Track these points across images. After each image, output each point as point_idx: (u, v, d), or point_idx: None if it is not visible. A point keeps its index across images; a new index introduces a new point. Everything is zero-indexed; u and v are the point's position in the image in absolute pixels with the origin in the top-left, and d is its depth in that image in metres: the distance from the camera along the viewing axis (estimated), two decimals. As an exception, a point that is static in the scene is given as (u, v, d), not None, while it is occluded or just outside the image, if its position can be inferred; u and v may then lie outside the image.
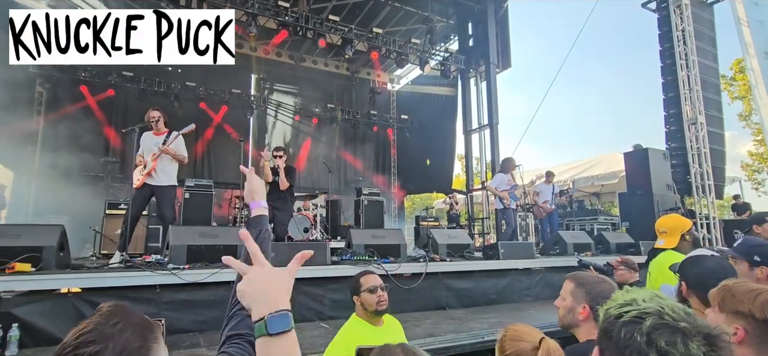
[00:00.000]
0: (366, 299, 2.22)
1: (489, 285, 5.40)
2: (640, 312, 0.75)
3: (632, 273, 3.50)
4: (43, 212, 8.32)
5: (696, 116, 8.70)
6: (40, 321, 3.24)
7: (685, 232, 2.57)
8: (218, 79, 11.26)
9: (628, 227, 8.44)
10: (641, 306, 0.76)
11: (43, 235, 3.75)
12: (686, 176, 8.89)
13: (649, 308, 0.75)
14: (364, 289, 2.23)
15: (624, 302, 0.80)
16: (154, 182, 4.81)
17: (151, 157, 4.77)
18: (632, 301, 0.78)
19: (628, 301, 0.79)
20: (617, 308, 0.79)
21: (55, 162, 9.15)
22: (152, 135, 4.94)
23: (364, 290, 2.23)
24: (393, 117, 13.93)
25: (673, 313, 0.73)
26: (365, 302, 2.22)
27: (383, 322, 2.28)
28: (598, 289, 1.69)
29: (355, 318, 2.28)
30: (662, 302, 0.76)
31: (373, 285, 2.24)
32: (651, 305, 0.76)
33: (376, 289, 2.23)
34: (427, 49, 10.33)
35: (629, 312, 0.76)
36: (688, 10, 8.99)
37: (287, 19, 8.53)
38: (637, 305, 0.77)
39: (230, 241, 4.44)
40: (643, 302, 0.77)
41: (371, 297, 2.21)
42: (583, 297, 1.69)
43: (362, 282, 2.26)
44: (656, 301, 0.76)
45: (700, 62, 9.00)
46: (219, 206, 9.63)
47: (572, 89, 59.16)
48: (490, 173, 10.38)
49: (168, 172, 4.88)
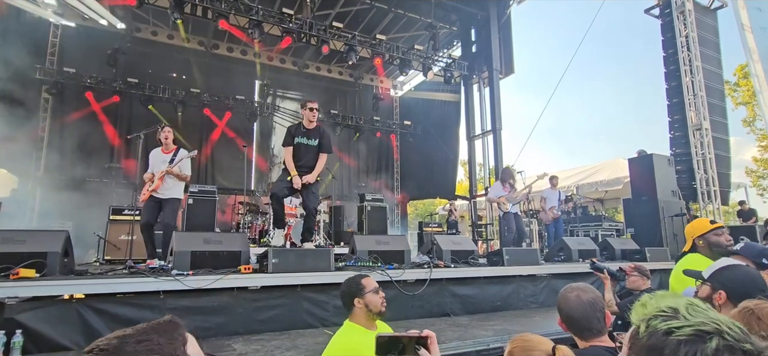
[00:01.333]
0: (371, 300, 2.18)
1: (494, 292, 5.35)
2: (696, 329, 0.67)
3: (645, 280, 3.45)
4: (47, 218, 8.36)
5: (700, 121, 8.67)
6: (44, 328, 3.23)
7: (697, 236, 2.52)
8: (222, 86, 11.34)
9: (633, 234, 8.39)
10: (691, 321, 0.69)
11: (48, 241, 3.75)
12: (691, 181, 8.84)
13: (706, 325, 0.67)
14: (369, 291, 2.19)
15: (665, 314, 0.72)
16: (160, 195, 5.05)
17: (158, 174, 5.05)
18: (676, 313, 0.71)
19: (671, 313, 0.72)
20: (663, 322, 0.71)
21: (60, 168, 9.21)
22: (161, 152, 5.19)
23: (369, 291, 2.19)
24: (396, 123, 13.95)
25: (732, 331, 0.66)
26: (371, 303, 2.18)
27: (377, 327, 2.23)
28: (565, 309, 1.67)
29: (349, 324, 2.21)
30: (711, 316, 0.69)
31: (375, 286, 2.22)
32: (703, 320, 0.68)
33: (378, 290, 2.21)
34: (430, 55, 10.36)
35: (682, 329, 0.68)
36: (692, 16, 9.00)
37: (291, 26, 8.59)
38: (686, 319, 0.69)
39: (234, 247, 4.43)
40: (690, 315, 0.70)
41: (376, 298, 2.19)
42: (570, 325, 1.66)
43: (365, 284, 2.22)
44: (704, 315, 0.70)
45: (704, 68, 8.99)
46: (222, 212, 9.65)
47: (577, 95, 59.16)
48: (493, 178, 10.35)
49: (172, 187, 5.14)
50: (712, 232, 2.45)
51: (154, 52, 10.91)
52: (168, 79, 10.80)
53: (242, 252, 4.39)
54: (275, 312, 4.06)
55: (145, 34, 10.85)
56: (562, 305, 1.71)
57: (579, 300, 1.65)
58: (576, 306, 1.65)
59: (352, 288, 2.24)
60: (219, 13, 7.96)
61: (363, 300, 2.19)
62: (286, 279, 4.13)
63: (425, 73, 10.43)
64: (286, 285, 4.14)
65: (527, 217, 10.32)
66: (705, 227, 2.49)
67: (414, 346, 1.33)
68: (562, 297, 1.72)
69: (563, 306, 1.70)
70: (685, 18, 9.01)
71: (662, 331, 0.70)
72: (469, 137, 11.46)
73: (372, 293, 2.19)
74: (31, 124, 9.13)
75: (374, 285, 2.23)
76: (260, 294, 4.06)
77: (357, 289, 2.22)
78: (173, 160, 5.09)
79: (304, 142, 4.93)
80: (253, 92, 12.22)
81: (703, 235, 2.47)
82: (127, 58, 10.22)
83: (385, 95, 14.30)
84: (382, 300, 2.21)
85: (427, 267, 4.93)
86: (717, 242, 2.41)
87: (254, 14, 8.23)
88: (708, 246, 2.45)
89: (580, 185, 12.84)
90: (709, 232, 2.46)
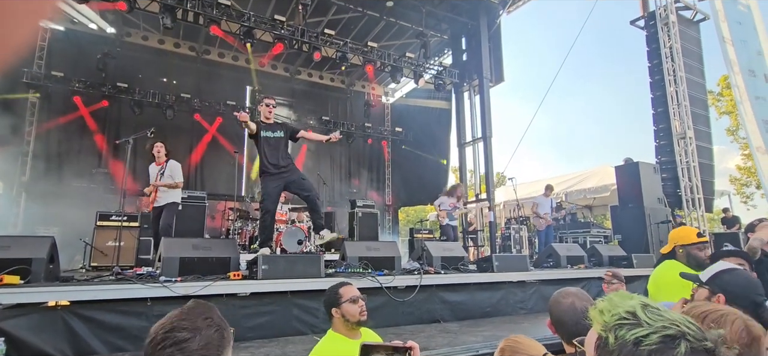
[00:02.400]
0: (348, 310, 2.15)
1: (483, 298, 5.39)
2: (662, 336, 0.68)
3: (622, 285, 3.52)
4: (32, 224, 8.21)
5: (685, 130, 8.86)
6: (28, 335, 3.17)
7: (680, 244, 2.55)
8: (213, 91, 11.28)
9: (620, 240, 8.50)
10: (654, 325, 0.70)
11: (33, 247, 3.70)
12: (676, 189, 9.02)
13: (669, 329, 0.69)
14: (346, 300, 2.16)
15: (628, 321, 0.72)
16: (159, 203, 5.57)
17: (149, 189, 5.63)
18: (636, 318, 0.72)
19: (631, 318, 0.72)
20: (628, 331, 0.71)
21: (46, 173, 9.07)
22: (155, 165, 5.70)
23: (346, 301, 2.16)
24: (387, 130, 14.00)
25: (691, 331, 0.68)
26: (348, 313, 2.14)
27: (361, 335, 2.20)
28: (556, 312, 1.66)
29: (332, 333, 2.19)
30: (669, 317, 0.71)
31: (354, 295, 2.18)
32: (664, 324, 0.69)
33: (357, 299, 2.18)
34: (422, 63, 10.45)
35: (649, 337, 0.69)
36: (676, 28, 9.23)
37: (283, 33, 8.60)
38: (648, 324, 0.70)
39: (223, 253, 4.40)
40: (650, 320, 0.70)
41: (354, 308, 2.15)
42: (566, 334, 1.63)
43: (342, 293, 2.19)
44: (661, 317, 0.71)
45: (688, 78, 9.21)
46: (212, 218, 9.57)
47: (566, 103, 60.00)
48: (484, 185, 10.44)
49: (168, 195, 5.59)
50: (696, 245, 2.48)
51: (144, 57, 10.83)
52: (158, 84, 10.72)
53: (231, 258, 4.37)
54: (265, 318, 4.04)
55: (135, 39, 10.78)
56: (553, 308, 1.70)
57: (573, 308, 1.64)
58: (568, 311, 1.65)
59: (330, 297, 2.22)
60: (210, 19, 7.95)
61: (340, 309, 2.16)
62: (276, 285, 4.12)
63: (416, 81, 10.51)
64: (275, 292, 4.12)
65: (517, 223, 10.43)
66: (690, 239, 2.53)
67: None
68: (555, 301, 1.71)
69: (555, 310, 1.69)
70: (669, 30, 9.24)
71: (631, 342, 0.70)
72: (459, 144, 11.55)
73: (349, 302, 2.16)
74: (17, 128, 8.99)
75: (353, 294, 2.19)
76: (250, 300, 4.04)
77: (334, 299, 2.19)
78: (164, 172, 5.57)
79: (270, 134, 4.82)
80: (244, 98, 12.18)
81: (686, 245, 2.51)
82: (116, 63, 10.12)
83: (377, 102, 14.37)
84: (361, 309, 2.16)
85: (418, 273, 4.95)
86: (697, 256, 2.45)
87: (246, 21, 8.23)
88: (687, 256, 2.49)
89: (569, 192, 13.00)
90: (693, 245, 2.49)
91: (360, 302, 2.18)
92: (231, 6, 8.11)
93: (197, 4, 7.76)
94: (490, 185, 9.77)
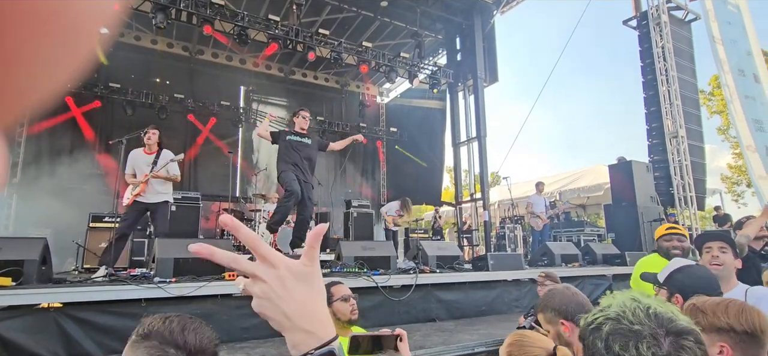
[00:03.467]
0: (339, 308, 2.18)
1: (479, 297, 5.41)
2: (603, 318, 0.75)
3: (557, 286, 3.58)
4: (24, 226, 8.12)
5: (677, 129, 8.95)
6: (21, 337, 3.14)
7: (656, 239, 2.71)
8: (207, 92, 11.22)
9: (613, 238, 8.58)
10: (607, 311, 0.76)
11: (25, 248, 3.66)
12: (669, 187, 9.11)
13: (609, 313, 0.75)
14: (337, 298, 2.19)
15: (598, 309, 0.79)
16: (147, 200, 4.78)
17: (142, 177, 4.75)
18: (606, 307, 0.78)
19: (602, 307, 0.79)
20: (592, 315, 0.79)
21: (37, 174, 8.97)
22: (143, 153, 4.86)
23: (337, 299, 2.19)
24: (382, 130, 14.01)
25: (632, 316, 0.72)
26: (338, 311, 2.17)
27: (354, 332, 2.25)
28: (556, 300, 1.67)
29: None
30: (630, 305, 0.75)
31: (345, 294, 2.22)
32: (614, 310, 0.75)
33: (348, 298, 2.20)
34: (416, 63, 10.47)
35: (596, 319, 0.76)
36: (667, 28, 9.32)
37: (277, 33, 8.58)
38: (605, 311, 0.77)
39: (218, 254, 4.38)
40: (610, 307, 0.77)
41: (345, 306, 2.18)
42: (555, 316, 1.64)
43: (333, 291, 2.21)
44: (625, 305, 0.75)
45: (680, 78, 9.31)
46: (206, 219, 9.51)
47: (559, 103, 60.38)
48: (479, 184, 10.48)
49: (161, 190, 4.87)
50: (662, 237, 2.63)
51: (137, 57, 10.75)
52: (151, 84, 10.64)
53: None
54: (260, 319, 3.99)
55: (127, 39, 10.69)
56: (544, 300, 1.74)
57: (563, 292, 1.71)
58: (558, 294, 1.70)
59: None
60: (204, 19, 7.91)
61: (331, 308, 2.17)
62: (272, 285, 4.10)
63: (411, 81, 10.53)
64: (271, 292, 4.11)
65: (512, 222, 10.49)
66: (659, 232, 2.69)
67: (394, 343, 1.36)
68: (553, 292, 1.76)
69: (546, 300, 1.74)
70: (661, 30, 9.33)
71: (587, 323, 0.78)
72: (454, 143, 11.58)
73: (340, 301, 2.18)
74: (6, 128, 8.87)
75: (343, 293, 2.21)
76: (245, 300, 4.02)
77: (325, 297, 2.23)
78: (157, 161, 4.79)
79: (297, 139, 5.13)
80: (239, 98, 12.13)
81: (658, 239, 2.67)
82: (109, 63, 10.04)
83: (371, 102, 14.37)
84: (352, 307, 2.19)
85: (413, 272, 4.96)
86: (664, 246, 2.59)
87: (240, 20, 8.20)
88: (659, 249, 2.65)
89: (563, 191, 13.09)
90: (661, 237, 2.64)
91: (351, 301, 2.20)
92: (224, 6, 8.07)
93: (190, 3, 7.72)
94: (484, 185, 9.81)
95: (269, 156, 12.05)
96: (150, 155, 4.87)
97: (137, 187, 4.72)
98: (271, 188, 11.09)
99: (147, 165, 4.79)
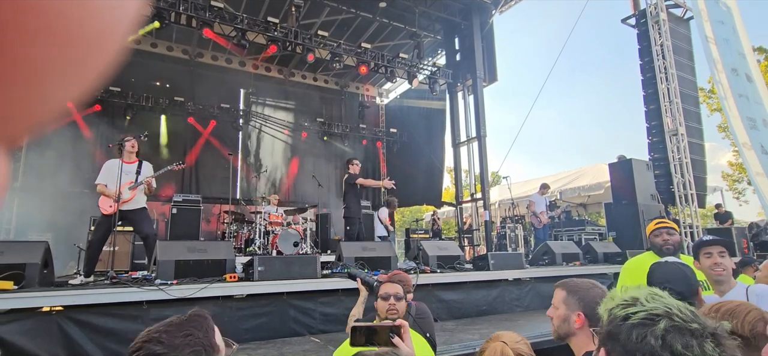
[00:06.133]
0: (378, 304, 2.25)
1: (479, 297, 5.41)
2: (649, 313, 0.73)
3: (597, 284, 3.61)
4: (26, 229, 8.14)
5: (677, 127, 8.94)
6: (22, 341, 3.15)
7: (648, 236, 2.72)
8: (207, 94, 11.24)
9: (614, 237, 8.57)
10: (647, 306, 0.74)
11: (27, 252, 3.68)
12: (669, 185, 9.09)
13: (658, 309, 0.73)
14: (379, 295, 2.27)
15: (626, 302, 0.77)
16: (126, 208, 4.67)
17: (126, 185, 4.64)
18: (635, 301, 0.76)
19: (631, 301, 0.77)
20: (622, 309, 0.77)
21: (39, 178, 8.98)
22: (122, 163, 4.70)
23: (379, 296, 2.27)
24: (382, 130, 14.02)
25: (681, 314, 0.71)
26: (377, 308, 2.26)
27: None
28: (591, 294, 1.62)
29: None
30: (666, 301, 0.74)
31: (386, 292, 2.25)
32: (657, 305, 0.74)
33: (388, 297, 2.22)
34: (415, 63, 10.48)
35: (637, 314, 0.74)
36: (666, 26, 9.31)
37: (276, 35, 8.59)
38: (643, 305, 0.75)
39: (219, 255, 4.40)
40: (647, 302, 0.75)
41: (382, 305, 2.22)
42: (576, 304, 1.60)
43: (381, 288, 2.30)
44: (660, 301, 0.75)
45: (679, 75, 9.29)
46: (207, 221, 9.53)
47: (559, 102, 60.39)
48: (479, 184, 10.48)
49: (141, 199, 4.83)
50: (652, 233, 2.64)
51: (137, 60, 10.76)
52: (151, 87, 10.67)
53: (227, 261, 4.36)
54: (261, 320, 4.04)
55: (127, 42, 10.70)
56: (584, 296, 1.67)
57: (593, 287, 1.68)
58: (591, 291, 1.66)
59: (376, 287, 2.39)
60: (203, 22, 7.93)
61: (376, 302, 2.28)
62: (272, 286, 4.12)
63: (410, 81, 10.54)
64: (272, 293, 4.12)
65: (512, 222, 10.49)
66: (649, 229, 2.70)
67: (388, 335, 1.39)
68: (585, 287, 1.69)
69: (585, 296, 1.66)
70: (660, 27, 9.32)
71: (620, 317, 0.76)
72: (454, 143, 11.59)
73: (380, 298, 2.25)
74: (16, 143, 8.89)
75: (384, 291, 2.25)
76: (246, 302, 4.04)
77: (376, 290, 2.34)
78: (139, 171, 4.78)
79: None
80: (239, 101, 12.14)
81: (649, 236, 2.68)
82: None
83: (371, 103, 14.38)
84: (389, 306, 2.19)
85: (414, 272, 4.96)
86: (653, 242, 2.60)
87: (239, 23, 8.21)
88: (650, 245, 2.66)
89: (564, 190, 13.08)
90: (651, 233, 2.65)
91: (391, 301, 2.21)
92: (223, 8, 8.09)
93: (189, 6, 7.73)
94: (484, 184, 9.81)
95: (269, 156, 12.07)
96: (131, 165, 4.80)
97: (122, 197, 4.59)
98: (271, 189, 11.11)
99: (127, 174, 4.69)
